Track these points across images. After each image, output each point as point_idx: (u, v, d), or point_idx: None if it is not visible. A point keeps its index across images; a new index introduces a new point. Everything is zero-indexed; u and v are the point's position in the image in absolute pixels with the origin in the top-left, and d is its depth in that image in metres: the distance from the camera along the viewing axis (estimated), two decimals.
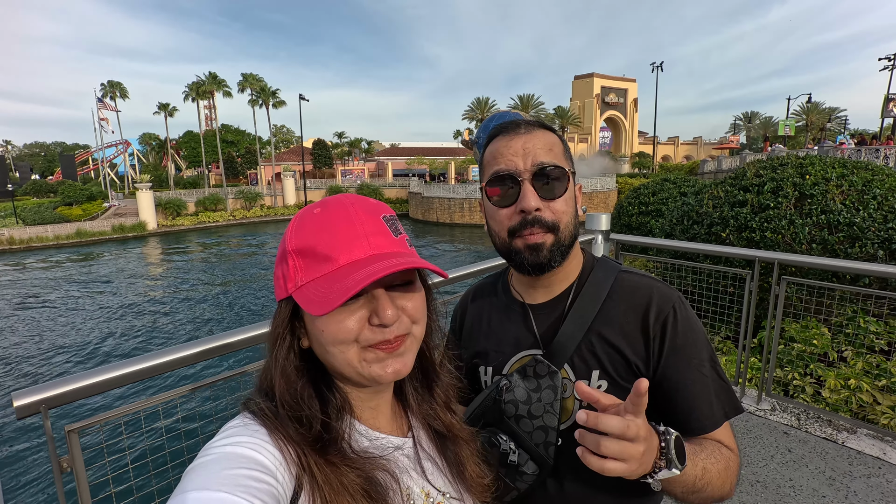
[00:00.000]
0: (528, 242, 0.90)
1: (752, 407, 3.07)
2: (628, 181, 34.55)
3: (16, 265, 26.29)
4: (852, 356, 3.42)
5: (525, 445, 0.88)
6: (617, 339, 0.91)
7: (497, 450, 0.89)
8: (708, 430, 0.87)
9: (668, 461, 0.71)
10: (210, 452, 0.54)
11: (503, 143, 0.93)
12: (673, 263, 3.67)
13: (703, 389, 0.88)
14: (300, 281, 0.61)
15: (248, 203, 44.08)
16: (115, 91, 53.13)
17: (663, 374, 0.89)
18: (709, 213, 5.15)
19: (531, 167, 0.89)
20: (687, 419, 0.88)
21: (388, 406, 0.74)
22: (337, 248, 0.60)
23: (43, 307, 17.84)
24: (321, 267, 0.60)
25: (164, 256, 28.12)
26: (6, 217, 36.29)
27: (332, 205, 0.64)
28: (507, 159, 0.91)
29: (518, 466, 0.88)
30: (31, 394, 1.05)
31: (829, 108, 57.76)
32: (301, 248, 0.61)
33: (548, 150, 0.91)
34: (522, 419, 0.89)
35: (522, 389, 0.90)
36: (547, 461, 0.87)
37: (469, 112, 59.37)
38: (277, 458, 0.56)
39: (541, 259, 0.91)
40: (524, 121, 0.95)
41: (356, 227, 0.62)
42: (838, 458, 2.56)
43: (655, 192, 9.41)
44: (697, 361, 0.89)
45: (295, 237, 0.62)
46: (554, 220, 0.90)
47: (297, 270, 0.61)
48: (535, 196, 0.88)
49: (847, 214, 4.19)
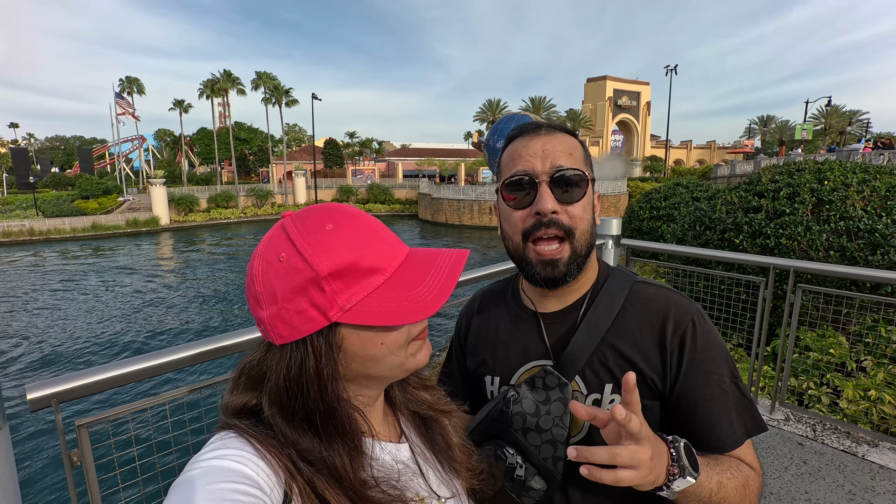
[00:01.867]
0: (543, 257, 0.88)
1: (765, 416, 3.01)
2: (640, 185, 34.21)
3: (35, 255, 26.88)
4: (872, 366, 3.34)
5: (532, 459, 0.85)
6: (631, 352, 0.87)
7: (503, 463, 0.85)
8: (728, 448, 0.83)
9: (682, 468, 0.69)
10: (196, 467, 0.53)
11: (522, 143, 0.91)
12: (684, 269, 3.61)
13: (724, 406, 0.84)
14: (348, 303, 0.56)
15: (259, 201, 44.51)
16: (133, 87, 54.07)
17: (681, 390, 0.85)
18: (722, 219, 5.07)
19: (549, 169, 0.86)
20: (706, 437, 0.84)
21: (381, 408, 0.73)
22: (380, 258, 0.59)
23: (60, 295, 18.19)
24: (371, 281, 0.58)
25: (175, 252, 28.49)
26: (27, 209, 37.12)
27: (342, 216, 0.60)
28: (525, 160, 0.88)
29: (525, 481, 0.84)
30: (42, 387, 1.06)
31: (850, 111, 56.65)
32: (339, 269, 0.56)
33: (568, 153, 0.88)
34: (530, 432, 0.85)
35: (531, 401, 0.87)
36: (555, 476, 0.84)
37: (480, 114, 59.32)
38: (264, 469, 0.54)
39: (555, 274, 0.88)
40: (546, 123, 0.93)
41: (379, 233, 0.62)
42: (858, 472, 2.48)
43: (667, 197, 9.30)
44: (718, 377, 0.85)
45: (325, 259, 0.56)
46: (570, 225, 0.87)
47: (339, 293, 0.56)
48: (552, 199, 0.86)
49: (868, 221, 4.10)
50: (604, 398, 0.88)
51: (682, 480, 0.69)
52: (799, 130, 42.24)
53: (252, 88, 51.64)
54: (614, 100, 62.82)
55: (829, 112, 54.10)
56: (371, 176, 58.90)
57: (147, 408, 1.23)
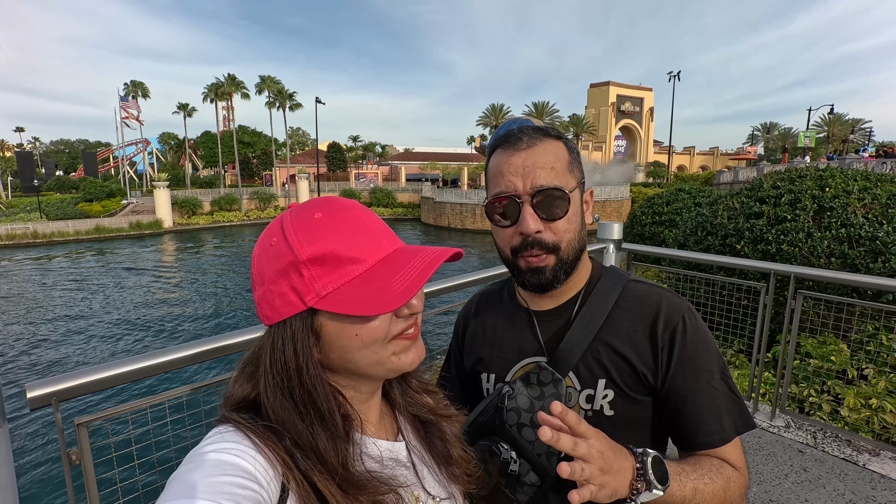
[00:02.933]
0: (531, 265, 0.89)
1: (764, 423, 2.99)
2: (642, 190, 34.21)
3: (38, 258, 26.98)
4: (874, 374, 3.32)
5: (527, 455, 0.86)
6: (624, 347, 0.89)
7: (498, 458, 0.87)
8: (716, 444, 0.84)
9: (648, 483, 0.69)
10: (193, 460, 0.53)
11: (503, 159, 0.90)
12: (686, 275, 3.61)
13: (712, 402, 0.85)
14: (324, 289, 0.58)
15: (262, 204, 44.65)
16: (138, 90, 54.47)
17: (671, 385, 0.87)
18: (724, 225, 5.07)
19: (530, 189, 0.86)
20: (694, 433, 0.85)
21: (377, 407, 0.73)
22: (362, 250, 0.60)
23: (61, 296, 18.25)
24: (348, 270, 0.59)
25: (178, 254, 28.58)
26: (31, 212, 37.32)
27: (334, 207, 0.62)
28: (507, 180, 0.88)
29: (519, 476, 0.85)
30: (42, 386, 1.07)
31: (853, 120, 56.60)
32: (319, 255, 0.58)
33: (549, 167, 0.87)
34: (525, 428, 0.86)
35: (525, 397, 0.88)
36: (549, 472, 0.85)
37: (483, 118, 59.53)
38: (262, 462, 0.55)
39: (542, 281, 0.90)
40: (527, 129, 0.91)
41: (369, 226, 0.62)
42: (859, 481, 2.47)
43: (670, 202, 9.29)
44: (707, 373, 0.86)
45: (307, 245, 0.58)
46: (555, 242, 0.88)
47: (316, 279, 0.58)
48: (535, 218, 0.87)
49: (870, 228, 4.09)
50: (597, 393, 0.89)
51: (647, 493, 0.69)
52: (802, 138, 42.20)
53: (256, 92, 51.99)
54: (617, 105, 62.92)
55: (832, 120, 54.08)
56: (374, 180, 59.08)
57: (146, 407, 1.24)
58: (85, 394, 1.11)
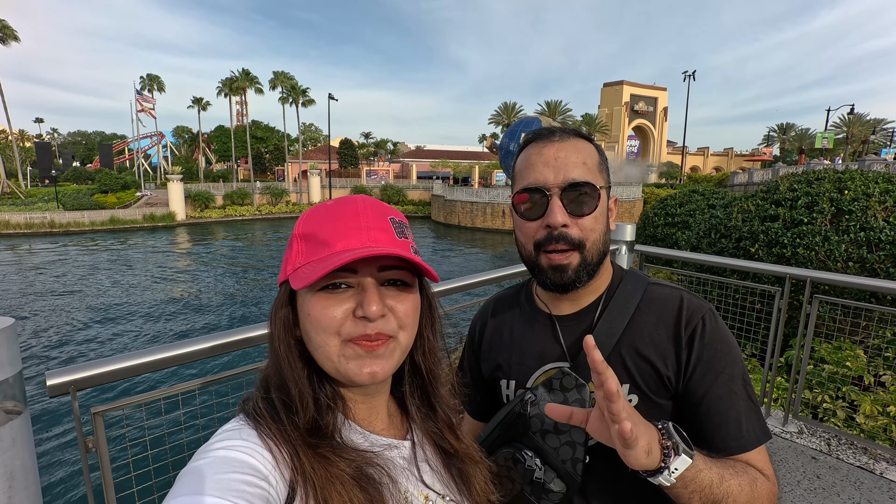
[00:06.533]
0: (553, 262, 0.88)
1: (777, 429, 2.95)
2: (655, 191, 33.82)
3: (57, 245, 27.55)
4: (892, 381, 3.25)
5: (551, 462, 0.84)
6: (648, 351, 0.87)
7: (522, 466, 0.85)
8: (734, 451, 0.81)
9: (675, 444, 0.68)
10: (204, 456, 0.54)
11: (535, 151, 0.90)
12: (698, 277, 3.56)
13: (732, 407, 0.83)
14: (298, 263, 0.64)
15: (274, 199, 44.99)
16: (153, 84, 55.13)
17: (690, 385, 0.85)
18: (738, 227, 4.99)
19: (561, 182, 0.86)
20: (712, 437, 0.82)
21: (384, 409, 0.73)
22: (336, 236, 0.63)
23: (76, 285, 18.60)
24: (318, 251, 0.63)
25: (191, 246, 28.94)
26: (49, 201, 38.05)
27: (346, 199, 0.68)
28: (537, 171, 0.88)
29: (544, 484, 0.84)
30: (61, 374, 1.09)
31: (874, 120, 55.23)
32: (306, 233, 0.65)
33: (581, 163, 0.87)
34: (549, 434, 0.85)
35: (548, 403, 0.88)
36: (574, 479, 0.83)
37: (495, 117, 59.27)
38: (270, 461, 0.55)
39: (565, 280, 0.89)
40: (560, 128, 0.92)
41: (360, 220, 0.64)
42: (876, 490, 2.41)
43: (683, 204, 9.17)
44: (727, 376, 0.84)
45: (303, 224, 0.66)
46: (580, 238, 0.87)
47: (299, 254, 0.65)
48: (563, 212, 0.86)
49: (890, 232, 4.00)
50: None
51: (678, 459, 0.67)
52: (819, 139, 41.36)
53: (269, 88, 52.38)
54: (631, 105, 62.25)
55: (852, 121, 52.85)
56: (385, 177, 59.19)
57: (160, 398, 1.25)
58: (102, 383, 1.13)
